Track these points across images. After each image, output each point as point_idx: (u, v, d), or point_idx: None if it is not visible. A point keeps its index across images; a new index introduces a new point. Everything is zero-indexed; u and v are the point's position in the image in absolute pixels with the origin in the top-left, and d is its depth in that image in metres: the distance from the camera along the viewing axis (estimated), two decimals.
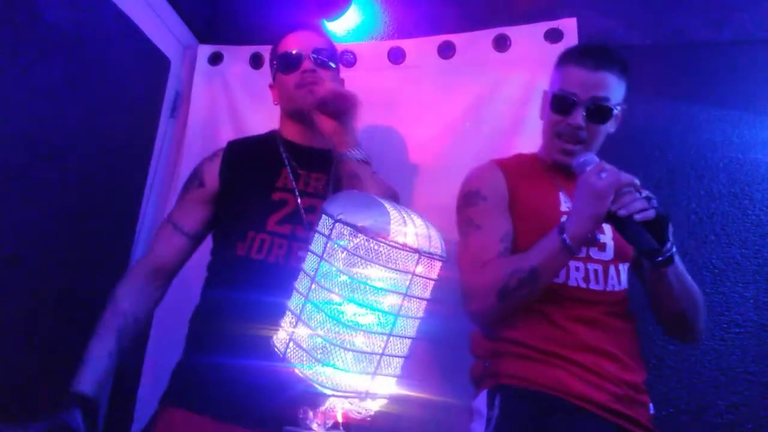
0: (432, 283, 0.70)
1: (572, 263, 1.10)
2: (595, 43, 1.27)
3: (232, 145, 1.28)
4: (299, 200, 1.17)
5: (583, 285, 1.09)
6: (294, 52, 1.23)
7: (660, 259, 0.97)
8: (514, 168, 1.23)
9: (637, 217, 0.92)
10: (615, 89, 1.14)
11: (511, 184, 1.19)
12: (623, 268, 1.15)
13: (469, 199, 1.20)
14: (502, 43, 1.70)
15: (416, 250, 0.65)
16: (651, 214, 0.92)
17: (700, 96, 1.61)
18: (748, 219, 1.51)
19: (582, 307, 1.08)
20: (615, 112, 1.15)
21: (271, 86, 1.33)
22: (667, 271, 1.01)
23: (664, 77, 1.65)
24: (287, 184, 1.19)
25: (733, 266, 1.48)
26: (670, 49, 1.67)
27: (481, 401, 1.07)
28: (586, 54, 1.16)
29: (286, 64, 1.24)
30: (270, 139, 1.29)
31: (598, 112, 1.13)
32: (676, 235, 1.53)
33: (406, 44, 1.80)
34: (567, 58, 1.20)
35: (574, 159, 1.08)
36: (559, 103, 1.16)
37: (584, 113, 1.13)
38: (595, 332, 1.06)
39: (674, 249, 0.99)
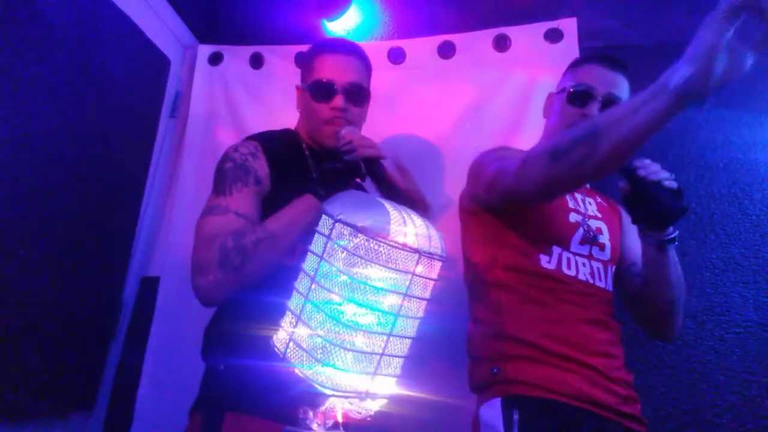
0: (432, 283, 0.70)
1: (579, 259, 1.11)
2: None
3: (264, 143, 1.17)
4: None
5: (590, 281, 1.11)
6: (327, 81, 1.18)
7: (668, 237, 1.03)
8: None
9: (666, 183, 0.97)
10: (625, 93, 1.19)
11: None
12: (612, 270, 1.18)
13: (490, 154, 1.22)
14: (502, 43, 1.70)
15: (416, 250, 0.65)
16: (675, 184, 0.98)
17: None
18: (748, 219, 1.51)
19: (588, 305, 1.08)
20: None
21: (298, 88, 1.27)
22: (668, 251, 1.05)
23: None
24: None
25: (733, 266, 1.48)
26: (670, 49, 1.66)
27: (491, 413, 1.00)
28: (604, 56, 1.23)
29: (316, 91, 1.19)
30: (294, 142, 1.24)
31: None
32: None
33: (406, 44, 1.80)
34: (584, 59, 1.26)
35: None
36: (577, 96, 1.19)
37: (599, 107, 1.15)
38: (601, 333, 1.07)
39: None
